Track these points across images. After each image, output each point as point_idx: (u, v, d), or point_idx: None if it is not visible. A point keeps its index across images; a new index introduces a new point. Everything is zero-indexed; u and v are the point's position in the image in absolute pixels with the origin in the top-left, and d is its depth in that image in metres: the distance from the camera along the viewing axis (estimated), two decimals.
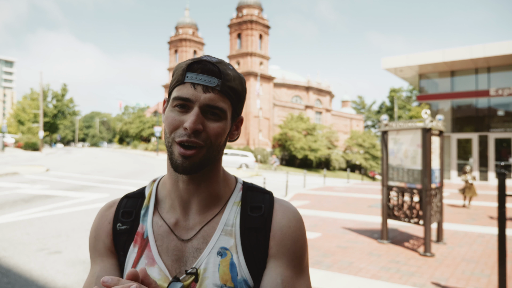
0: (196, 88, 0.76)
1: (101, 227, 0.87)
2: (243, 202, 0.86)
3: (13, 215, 7.84)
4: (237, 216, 0.83)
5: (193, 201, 0.83)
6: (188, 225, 0.83)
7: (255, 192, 0.88)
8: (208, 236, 0.81)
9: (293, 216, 0.85)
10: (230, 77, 0.79)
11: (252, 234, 0.81)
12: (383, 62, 20.33)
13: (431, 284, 4.31)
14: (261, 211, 0.84)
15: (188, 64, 0.78)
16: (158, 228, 0.83)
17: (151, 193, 0.89)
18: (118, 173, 18.67)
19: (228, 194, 0.87)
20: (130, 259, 0.82)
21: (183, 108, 0.77)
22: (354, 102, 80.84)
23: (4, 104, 43.49)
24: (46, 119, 45.42)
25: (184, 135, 0.75)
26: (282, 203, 0.87)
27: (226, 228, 0.82)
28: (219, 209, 0.84)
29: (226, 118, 0.80)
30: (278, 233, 0.82)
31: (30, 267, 4.72)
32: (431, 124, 5.83)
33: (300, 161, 45.03)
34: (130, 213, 0.87)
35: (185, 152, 0.75)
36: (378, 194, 13.58)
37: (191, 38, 61.21)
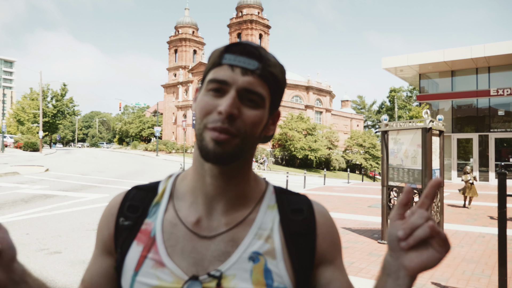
0: (234, 70, 0.69)
1: (104, 218, 0.81)
2: (280, 205, 0.78)
3: (12, 215, 7.84)
4: (275, 220, 0.76)
5: (220, 199, 0.75)
6: (212, 226, 0.74)
7: (290, 195, 0.82)
8: (238, 239, 0.73)
9: (330, 217, 0.82)
10: (271, 62, 0.72)
11: (297, 238, 0.75)
12: (383, 62, 20.32)
13: (432, 284, 4.31)
14: (303, 214, 0.78)
15: (227, 46, 0.72)
16: (171, 227, 0.74)
17: (165, 189, 0.80)
18: (118, 173, 18.67)
19: (258, 195, 0.79)
20: (131, 259, 0.73)
21: (218, 92, 0.69)
22: (354, 102, 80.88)
23: (4, 104, 43.41)
24: (45, 119, 45.39)
25: (217, 120, 0.67)
26: (318, 204, 0.82)
27: (260, 232, 0.74)
28: (249, 210, 0.76)
29: (264, 106, 0.72)
30: (327, 236, 0.78)
31: (30, 267, 4.67)
32: (431, 124, 5.82)
33: (300, 161, 45.02)
34: (136, 207, 0.79)
35: (219, 136, 0.67)
36: (378, 194, 13.57)
37: (191, 38, 61.19)
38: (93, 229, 6.89)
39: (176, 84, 60.19)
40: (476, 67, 19.08)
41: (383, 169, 6.40)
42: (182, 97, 59.48)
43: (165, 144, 50.09)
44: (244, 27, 50.55)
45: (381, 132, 6.56)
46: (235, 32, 51.82)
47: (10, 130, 58.05)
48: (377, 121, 75.42)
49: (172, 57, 62.54)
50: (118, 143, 73.99)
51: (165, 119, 63.42)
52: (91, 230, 6.82)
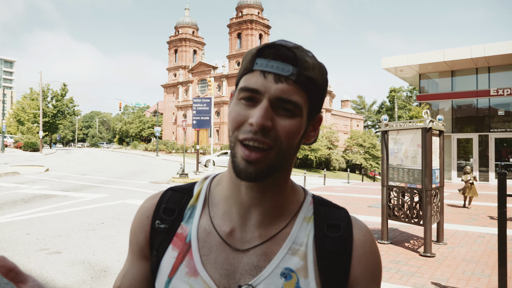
0: (266, 77, 0.64)
1: (138, 221, 0.78)
2: (316, 218, 0.74)
3: (12, 215, 7.84)
4: (310, 235, 0.72)
5: (255, 210, 0.71)
6: (245, 238, 0.71)
7: (329, 207, 0.76)
8: (271, 253, 0.69)
9: (371, 238, 0.75)
10: (308, 64, 0.65)
11: (330, 257, 0.70)
12: (383, 62, 20.32)
13: (432, 284, 4.31)
14: (340, 231, 0.73)
15: (258, 49, 0.66)
16: (205, 235, 0.72)
17: (200, 192, 0.77)
18: (118, 173, 18.67)
19: (296, 207, 0.74)
20: (166, 264, 0.71)
21: (250, 101, 0.64)
22: (354, 102, 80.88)
23: (4, 104, 43.37)
24: (45, 119, 45.40)
25: (249, 131, 0.63)
26: (359, 222, 0.76)
27: (294, 247, 0.70)
28: (285, 223, 0.72)
29: (301, 115, 0.66)
30: (364, 259, 0.72)
31: (30, 267, 4.71)
32: (431, 124, 5.83)
33: (300, 161, 45.03)
34: (172, 210, 0.76)
35: (250, 155, 0.63)
36: (378, 194, 13.57)
37: (191, 38, 61.18)
38: (93, 229, 6.90)
39: (176, 84, 60.20)
40: (476, 67, 19.09)
41: (383, 169, 6.41)
42: (182, 97, 59.47)
43: (165, 144, 50.10)
44: (244, 27, 50.55)
45: (381, 132, 6.56)
46: (235, 32, 51.81)
47: (10, 130, 58.04)
48: (377, 121, 75.42)
49: (172, 57, 62.54)
50: (118, 143, 73.97)
51: (165, 119, 63.43)
52: (91, 230, 6.82)
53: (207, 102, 20.23)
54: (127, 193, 11.87)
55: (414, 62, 19.35)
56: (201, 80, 55.95)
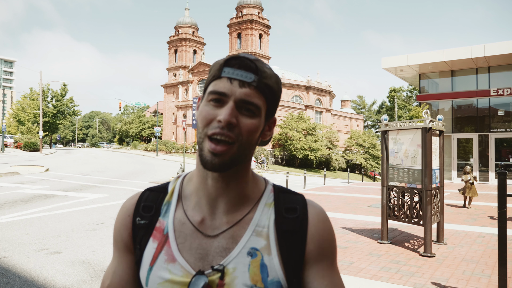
0: (232, 82, 0.76)
1: (121, 220, 0.88)
2: (276, 203, 0.84)
3: (12, 215, 7.84)
4: (271, 218, 0.82)
5: (221, 200, 0.82)
6: (215, 224, 0.81)
7: (287, 194, 0.87)
8: (237, 236, 0.80)
9: (325, 218, 0.85)
10: (266, 74, 0.79)
11: (289, 236, 0.81)
12: (383, 62, 20.32)
13: (432, 284, 4.31)
14: (296, 212, 0.83)
15: (226, 60, 0.78)
16: (180, 226, 0.82)
17: (174, 189, 0.87)
18: (118, 173, 18.67)
19: (258, 195, 0.85)
20: (148, 254, 0.81)
21: (218, 102, 0.76)
22: (354, 102, 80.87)
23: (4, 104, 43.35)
24: (45, 119, 45.39)
25: (217, 127, 0.74)
26: (314, 204, 0.86)
27: (257, 229, 0.80)
28: (248, 209, 0.83)
29: (260, 115, 0.79)
30: (316, 236, 0.82)
31: (30, 267, 4.71)
32: (431, 124, 5.82)
33: (300, 161, 45.02)
34: (150, 207, 0.86)
35: (216, 148, 0.74)
36: (378, 194, 13.57)
37: (191, 38, 61.16)
38: (93, 229, 6.90)
39: (176, 84, 60.19)
40: (476, 67, 19.08)
41: (383, 169, 6.41)
42: (182, 97, 59.46)
43: (165, 144, 50.09)
44: (244, 27, 50.54)
45: (381, 132, 6.56)
46: (235, 32, 51.79)
47: (10, 130, 58.04)
48: (377, 121, 75.41)
49: (172, 57, 62.52)
50: (118, 143, 73.96)
51: (165, 119, 63.42)
52: (91, 230, 6.82)
53: None
54: (127, 193, 11.87)
55: (414, 62, 19.34)
56: (201, 80, 55.93)
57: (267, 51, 51.76)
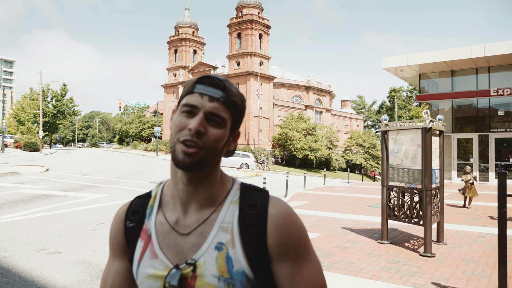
0: (203, 97, 0.87)
1: (115, 225, 1.00)
2: (241, 200, 0.92)
3: (12, 215, 7.84)
4: (235, 214, 0.90)
5: (192, 201, 0.92)
6: (187, 223, 0.91)
7: (252, 191, 0.95)
8: (206, 232, 0.89)
9: (286, 213, 0.90)
10: (233, 92, 0.91)
11: (250, 230, 0.88)
12: (383, 62, 20.32)
13: (432, 284, 4.31)
14: (256, 208, 0.91)
15: (198, 78, 0.90)
16: (160, 226, 0.93)
17: (156, 194, 0.99)
18: (118, 173, 18.67)
19: (224, 194, 0.94)
20: (137, 252, 0.94)
21: (189, 114, 0.87)
22: (354, 102, 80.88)
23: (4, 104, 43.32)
24: (45, 119, 45.37)
25: (187, 134, 0.85)
26: (275, 200, 0.92)
27: (223, 225, 0.89)
28: (215, 207, 0.92)
29: (225, 127, 0.89)
30: (275, 231, 0.88)
31: (29, 267, 4.71)
32: (431, 124, 5.82)
33: (300, 161, 45.02)
34: (137, 211, 0.98)
35: (188, 150, 0.84)
36: (378, 194, 13.57)
37: (191, 38, 61.15)
38: (93, 229, 6.90)
39: (176, 84, 60.19)
40: (476, 67, 19.08)
41: (383, 169, 6.41)
42: None
43: (165, 144, 50.07)
44: (244, 27, 50.51)
45: (381, 132, 6.56)
46: (235, 32, 51.78)
47: (10, 130, 58.03)
48: (377, 121, 75.39)
49: (172, 57, 62.52)
50: (118, 143, 73.94)
51: (165, 119, 63.41)
52: (91, 230, 6.82)
53: None
54: (127, 193, 11.87)
55: (414, 62, 19.34)
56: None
57: (267, 51, 51.74)
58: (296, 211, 9.09)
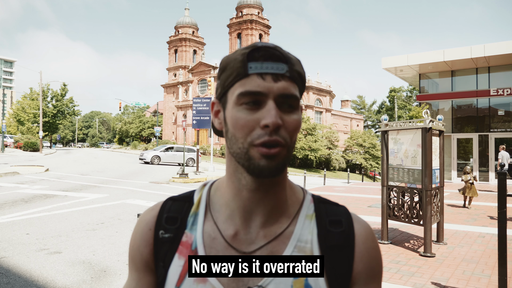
0: (265, 78, 0.65)
1: (140, 234, 0.77)
2: (318, 215, 0.75)
3: (12, 215, 7.84)
4: (313, 232, 0.73)
5: (258, 211, 0.72)
6: (250, 239, 0.71)
7: (329, 205, 0.78)
8: (277, 252, 0.70)
9: (372, 233, 0.76)
10: (294, 60, 0.69)
11: (334, 252, 0.71)
12: (383, 62, 20.32)
13: (432, 284, 4.31)
14: (341, 226, 0.74)
15: (248, 53, 0.66)
16: (210, 240, 0.72)
17: (200, 198, 0.77)
18: (118, 173, 18.67)
19: (296, 205, 0.76)
20: (173, 273, 0.71)
21: (253, 104, 0.65)
22: (354, 102, 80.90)
23: (4, 104, 43.25)
24: (45, 119, 45.36)
25: (264, 134, 0.64)
26: (357, 217, 0.78)
27: (299, 245, 0.71)
28: (288, 222, 0.73)
29: (298, 108, 0.69)
30: (365, 254, 0.73)
31: (30, 267, 4.71)
32: (431, 124, 5.82)
33: (300, 161, 45.03)
34: (175, 219, 0.76)
35: (269, 151, 0.64)
36: (378, 194, 13.57)
37: (191, 38, 61.17)
38: (93, 229, 6.90)
39: (176, 84, 60.21)
40: (476, 67, 19.09)
41: (383, 169, 6.41)
42: (182, 97, 59.46)
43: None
44: (244, 27, 50.54)
45: (381, 132, 6.56)
46: (235, 32, 51.80)
47: (10, 130, 58.04)
48: (377, 121, 75.40)
49: (172, 57, 62.53)
50: (118, 143, 73.93)
51: (165, 119, 63.43)
52: (91, 230, 6.82)
53: (207, 102, 20.25)
54: (127, 193, 11.87)
55: (414, 62, 19.35)
56: (201, 80, 55.91)
57: None
58: None
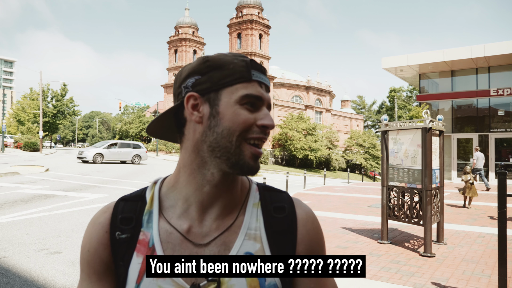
0: (262, 87, 0.75)
1: (96, 238, 0.77)
2: (263, 203, 0.81)
3: (12, 215, 7.84)
4: (260, 219, 0.78)
5: (216, 205, 0.77)
6: (204, 232, 0.76)
7: (272, 192, 0.84)
8: (229, 242, 0.75)
9: (314, 218, 0.83)
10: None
11: (279, 236, 0.77)
12: (383, 62, 20.32)
13: (432, 284, 4.31)
14: (285, 211, 0.80)
15: (250, 62, 0.75)
16: (167, 236, 0.75)
17: (153, 196, 0.80)
18: (118, 173, 18.66)
19: (244, 195, 0.81)
20: (133, 271, 0.73)
21: (251, 106, 0.73)
22: (354, 102, 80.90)
23: (4, 104, 43.29)
24: (45, 119, 45.34)
25: (260, 132, 0.73)
26: (300, 202, 0.84)
27: (249, 232, 0.76)
28: (237, 212, 0.78)
29: None
30: (306, 237, 0.79)
31: (30, 267, 4.71)
32: (431, 124, 5.82)
33: (300, 161, 45.02)
34: (129, 219, 0.77)
35: (259, 152, 0.73)
36: (378, 194, 13.57)
37: (191, 38, 61.19)
38: None
39: None
40: (476, 67, 19.08)
41: (383, 169, 6.41)
42: None
43: (165, 144, 50.10)
44: (244, 27, 50.53)
45: (381, 132, 6.56)
46: (235, 32, 51.79)
47: (10, 130, 58.03)
48: (377, 121, 75.38)
49: (172, 57, 62.54)
50: None
51: None
52: None
53: None
54: (127, 193, 11.85)
55: (414, 62, 19.35)
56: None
57: (267, 51, 51.74)
58: None
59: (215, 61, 0.74)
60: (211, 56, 0.76)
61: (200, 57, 0.77)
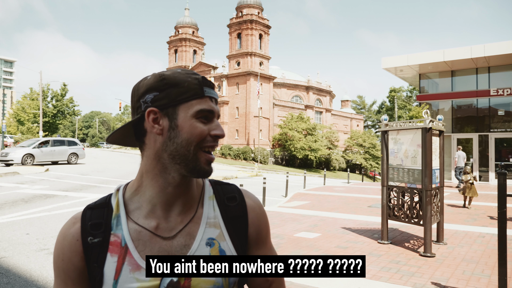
0: (212, 101, 0.87)
1: (67, 247, 0.84)
2: (217, 195, 0.94)
3: (12, 215, 7.84)
4: (216, 208, 0.92)
5: (178, 203, 0.88)
6: (170, 226, 0.86)
7: (223, 185, 0.98)
8: (193, 231, 0.87)
9: (259, 204, 0.98)
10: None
11: (234, 222, 0.91)
12: (383, 62, 20.31)
13: (432, 284, 4.31)
14: (236, 200, 0.94)
15: (202, 79, 0.86)
16: (137, 234, 0.84)
17: (118, 201, 0.88)
18: (118, 173, 18.66)
19: (200, 190, 0.94)
20: (109, 269, 0.81)
21: (205, 119, 0.84)
22: (354, 102, 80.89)
23: (4, 104, 43.31)
24: (45, 119, 45.32)
25: (212, 141, 0.85)
26: (247, 192, 0.98)
27: (209, 221, 0.89)
28: (196, 205, 0.91)
29: None
30: (256, 220, 0.94)
31: (30, 267, 4.71)
32: (431, 124, 5.82)
33: (300, 161, 45.02)
34: (99, 224, 0.85)
35: (212, 158, 0.86)
36: (378, 194, 13.56)
37: (191, 38, 61.17)
38: None
39: None
40: (476, 67, 19.08)
41: (383, 169, 6.41)
42: None
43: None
44: (244, 27, 50.52)
45: (381, 132, 6.56)
46: (235, 32, 51.78)
47: (10, 130, 58.01)
48: (377, 121, 75.37)
49: (172, 57, 62.52)
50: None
51: None
52: None
53: None
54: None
55: (414, 62, 19.34)
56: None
57: (267, 51, 51.73)
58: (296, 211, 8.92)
59: (170, 79, 0.84)
60: (166, 74, 0.85)
61: (155, 74, 0.86)
